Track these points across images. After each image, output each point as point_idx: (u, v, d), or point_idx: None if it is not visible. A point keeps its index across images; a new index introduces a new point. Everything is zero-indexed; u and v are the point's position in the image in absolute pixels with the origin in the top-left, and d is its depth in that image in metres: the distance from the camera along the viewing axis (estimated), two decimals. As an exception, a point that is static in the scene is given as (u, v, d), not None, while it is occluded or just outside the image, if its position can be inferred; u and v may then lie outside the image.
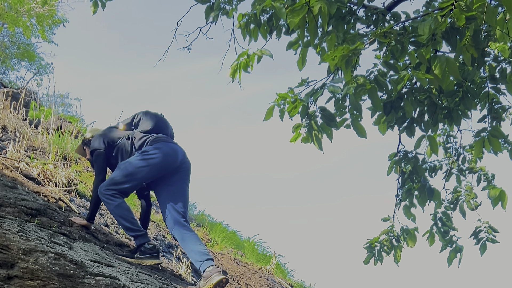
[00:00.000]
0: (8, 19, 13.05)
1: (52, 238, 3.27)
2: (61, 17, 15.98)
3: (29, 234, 2.98)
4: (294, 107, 2.91)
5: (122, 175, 3.84)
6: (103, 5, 4.66)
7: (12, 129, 7.04)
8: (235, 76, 3.70)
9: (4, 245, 2.60)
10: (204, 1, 4.13)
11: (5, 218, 3.16)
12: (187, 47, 4.54)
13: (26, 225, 3.24)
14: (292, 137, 3.07)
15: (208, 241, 7.15)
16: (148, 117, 4.27)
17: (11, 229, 2.88)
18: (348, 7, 3.54)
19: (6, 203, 3.59)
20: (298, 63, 3.46)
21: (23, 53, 15.96)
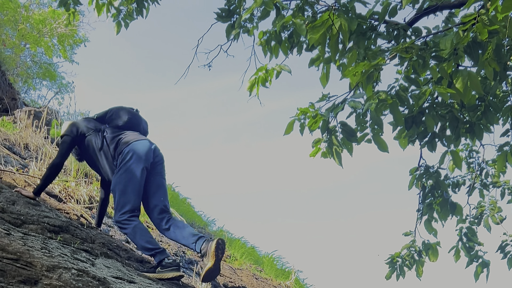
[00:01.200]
0: (30, 40, 13.54)
1: (75, 254, 3.37)
2: (82, 37, 16.51)
3: (52, 251, 3.08)
4: (314, 122, 2.99)
5: (121, 196, 3.96)
6: (126, 25, 4.88)
7: (34, 147, 7.27)
8: (252, 90, 3.80)
9: (28, 261, 2.68)
10: (225, 20, 4.27)
11: (29, 235, 3.28)
12: (208, 64, 4.68)
13: (49, 242, 3.34)
14: (312, 152, 3.14)
15: (227, 257, 7.22)
16: (121, 113, 4.37)
17: (34, 246, 2.98)
18: (369, 23, 3.63)
19: (29, 220, 3.72)
20: (322, 79, 3.55)
21: (45, 73, 16.47)
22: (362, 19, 3.57)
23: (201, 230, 9.18)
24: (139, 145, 4.05)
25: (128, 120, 4.33)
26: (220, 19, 4.30)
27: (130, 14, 4.82)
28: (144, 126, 4.54)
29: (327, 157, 3.09)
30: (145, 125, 4.56)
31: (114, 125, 4.32)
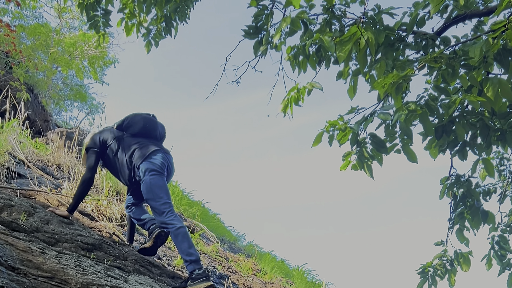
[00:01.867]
0: (62, 63, 14.01)
1: (108, 271, 3.48)
2: (112, 58, 16.99)
3: (86, 269, 3.20)
4: (344, 134, 3.05)
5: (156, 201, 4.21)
6: (156, 44, 5.05)
7: (67, 168, 7.51)
8: (286, 110, 3.88)
9: (63, 279, 2.80)
10: (252, 37, 4.37)
11: (63, 254, 3.41)
12: (236, 80, 4.77)
13: (82, 260, 3.47)
14: (342, 165, 3.19)
15: (258, 271, 7.25)
16: (136, 119, 4.60)
17: (68, 264, 3.11)
18: (397, 34, 3.68)
19: (63, 239, 3.86)
20: (349, 92, 3.60)
21: (76, 94, 17.01)
22: (390, 30, 3.63)
23: (232, 245, 9.26)
24: (153, 160, 4.31)
25: (144, 126, 4.57)
26: (248, 36, 4.39)
27: (159, 34, 4.99)
28: (161, 130, 4.75)
29: (358, 169, 3.13)
30: (162, 130, 4.78)
31: (131, 132, 4.56)
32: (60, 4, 15.52)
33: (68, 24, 16.35)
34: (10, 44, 12.33)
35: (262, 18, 4.29)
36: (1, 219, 3.68)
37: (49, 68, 13.64)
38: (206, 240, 7.97)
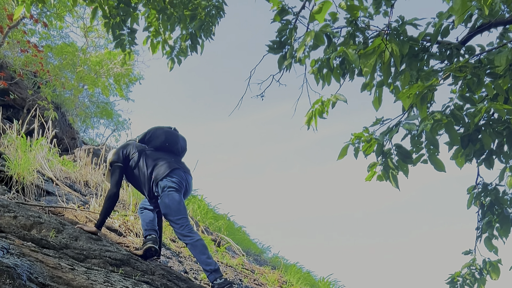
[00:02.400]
0: (88, 81, 14.39)
1: (136, 286, 3.56)
2: (137, 75, 17.36)
3: (114, 284, 3.28)
4: (369, 146, 3.09)
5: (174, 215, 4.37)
6: (179, 61, 5.17)
7: (94, 184, 7.69)
8: (310, 123, 3.94)
9: (92, 295, 2.88)
10: (277, 51, 4.46)
11: (92, 269, 3.50)
12: (261, 94, 4.85)
13: (111, 275, 3.55)
14: (367, 176, 3.23)
15: (284, 283, 7.27)
16: (158, 133, 4.77)
17: (97, 280, 3.18)
18: (421, 45, 3.71)
19: (92, 255, 3.97)
20: (374, 103, 3.65)
21: (102, 112, 17.42)
22: (414, 41, 3.67)
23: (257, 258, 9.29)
24: (172, 177, 4.46)
25: (165, 140, 4.74)
26: (272, 51, 4.48)
27: (183, 51, 5.12)
28: (182, 144, 4.91)
29: (383, 180, 3.16)
30: (183, 143, 4.94)
31: (152, 146, 4.73)
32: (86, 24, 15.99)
33: (94, 43, 16.82)
34: (37, 64, 12.76)
35: (286, 33, 4.37)
36: (31, 236, 3.81)
37: (76, 86, 14.02)
38: (232, 253, 8.04)
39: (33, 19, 12.46)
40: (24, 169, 5.77)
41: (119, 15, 4.64)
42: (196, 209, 9.51)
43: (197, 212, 9.43)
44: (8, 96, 11.27)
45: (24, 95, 12.01)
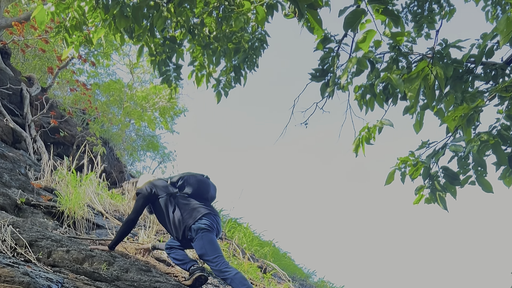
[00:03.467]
0: (134, 116, 14.96)
1: (188, 315, 3.69)
2: (181, 108, 17.90)
3: (165, 314, 3.43)
4: (415, 169, 3.15)
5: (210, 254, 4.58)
6: (226, 94, 5.37)
7: (142, 216, 7.93)
8: (358, 150, 4.03)
9: (145, 326, 3.04)
10: (319, 79, 4.57)
11: (143, 301, 3.67)
12: (304, 122, 4.96)
13: (162, 305, 3.71)
14: (415, 199, 3.27)
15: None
16: (191, 180, 5.03)
17: (149, 310, 3.35)
18: (465, 67, 3.76)
19: (142, 286, 4.15)
20: (415, 127, 3.71)
21: (148, 145, 18.02)
22: (458, 63, 3.72)
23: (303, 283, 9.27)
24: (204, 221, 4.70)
25: (198, 188, 5.00)
26: (315, 79, 4.58)
27: (228, 84, 5.31)
28: (213, 192, 5.19)
29: (431, 203, 3.19)
30: (213, 192, 5.22)
31: (185, 192, 4.99)
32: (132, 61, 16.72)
33: (140, 78, 17.54)
34: (86, 102, 13.41)
35: (329, 61, 4.48)
36: (83, 269, 4.04)
37: (123, 121, 14.60)
38: (278, 279, 8.08)
39: (81, 59, 13.17)
40: (75, 204, 6.06)
41: (165, 52, 4.88)
42: (242, 237, 9.65)
43: (243, 240, 9.57)
44: (58, 133, 11.85)
45: (74, 132, 12.60)
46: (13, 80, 11.83)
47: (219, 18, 4.36)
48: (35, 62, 14.07)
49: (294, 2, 3.18)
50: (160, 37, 4.68)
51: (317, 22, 3.45)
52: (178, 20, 4.44)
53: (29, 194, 6.33)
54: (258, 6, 3.37)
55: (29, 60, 14.28)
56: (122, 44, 4.95)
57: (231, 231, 9.91)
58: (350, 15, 3.34)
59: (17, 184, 6.38)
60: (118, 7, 4.08)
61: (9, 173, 6.46)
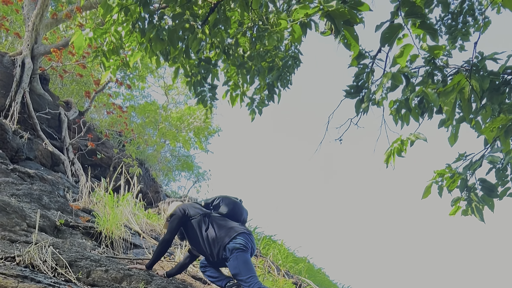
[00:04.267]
0: (169, 136, 15.29)
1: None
2: (215, 128, 18.19)
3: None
4: (452, 181, 3.17)
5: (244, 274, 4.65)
6: (260, 112, 5.48)
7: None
8: (389, 161, 4.07)
9: None
10: (354, 96, 4.63)
11: (179, 319, 3.76)
12: (339, 138, 5.02)
13: (200, 323, 3.80)
14: (451, 211, 3.28)
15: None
16: (226, 202, 5.19)
17: (188, 328, 3.44)
18: (502, 78, 3.77)
19: (180, 304, 4.25)
20: (450, 140, 3.72)
21: (183, 165, 18.32)
22: (494, 75, 3.73)
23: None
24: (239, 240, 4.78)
25: (232, 210, 5.13)
26: (349, 95, 4.64)
27: (262, 102, 5.42)
28: (245, 216, 5.30)
29: (468, 215, 3.20)
30: (246, 215, 5.33)
31: (219, 212, 5.13)
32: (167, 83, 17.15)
33: (174, 100, 17.94)
34: (122, 124, 13.80)
35: (363, 77, 4.55)
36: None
37: (158, 142, 14.93)
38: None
39: (117, 82, 13.61)
40: (113, 224, 6.25)
41: (200, 73, 5.02)
42: (276, 254, 9.70)
43: (277, 257, 9.62)
44: (95, 156, 12.22)
45: (110, 154, 12.96)
46: (51, 105, 12.31)
47: (253, 38, 4.49)
48: (72, 86, 14.61)
49: (331, 19, 3.27)
50: (195, 58, 4.83)
51: (353, 38, 3.51)
52: (212, 41, 4.59)
53: (68, 215, 6.55)
54: (294, 25, 3.47)
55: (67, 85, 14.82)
56: (158, 67, 5.14)
57: (265, 248, 9.99)
58: (387, 30, 3.40)
59: (56, 206, 6.62)
60: (154, 31, 4.26)
61: (49, 196, 6.71)
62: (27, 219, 5.26)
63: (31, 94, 11.68)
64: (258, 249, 9.46)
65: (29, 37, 11.71)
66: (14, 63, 11.36)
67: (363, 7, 3.31)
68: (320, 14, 3.28)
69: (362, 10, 3.35)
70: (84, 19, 11.93)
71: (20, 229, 5.03)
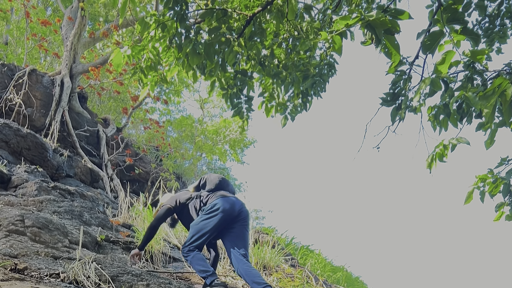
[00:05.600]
0: (206, 150, 15.50)
1: None
2: (251, 139, 18.34)
3: None
4: (495, 186, 3.16)
5: (194, 233, 4.79)
6: (292, 118, 5.53)
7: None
8: (431, 166, 4.07)
9: None
10: (390, 104, 4.63)
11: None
12: (376, 146, 5.02)
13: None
14: (496, 216, 3.25)
15: None
16: (211, 177, 5.37)
17: None
18: (544, 80, 3.73)
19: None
20: (486, 143, 3.69)
21: (219, 177, 18.44)
22: (535, 77, 3.69)
23: (377, 306, 9.13)
24: (225, 200, 4.95)
25: (219, 183, 5.30)
26: (385, 103, 4.62)
27: (295, 109, 5.47)
28: (232, 187, 5.46)
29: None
30: (232, 188, 5.49)
31: (208, 189, 5.29)
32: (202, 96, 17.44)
33: (210, 113, 18.21)
34: (159, 139, 14.08)
35: (400, 84, 4.55)
36: (162, 302, 4.27)
37: (195, 156, 15.16)
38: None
39: (154, 97, 13.93)
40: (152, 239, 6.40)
41: (236, 85, 5.11)
42: (314, 264, 9.71)
43: (315, 267, 9.63)
44: (133, 171, 12.50)
45: (148, 169, 13.23)
46: (90, 123, 12.70)
47: (288, 49, 4.58)
48: (110, 103, 15.03)
49: (371, 29, 3.31)
50: (231, 71, 4.95)
51: (394, 47, 3.52)
52: (248, 53, 4.69)
53: (108, 231, 6.74)
54: (335, 35, 3.52)
55: (104, 102, 15.27)
56: (195, 81, 5.25)
57: (303, 258, 10.02)
58: (429, 37, 3.41)
59: (97, 222, 6.83)
60: (191, 45, 4.40)
61: (89, 212, 6.93)
62: (69, 236, 5.45)
63: (70, 113, 12.10)
64: (296, 259, 9.48)
65: (68, 57, 12.16)
66: (53, 83, 11.81)
67: (403, 16, 3.35)
68: (360, 24, 3.33)
69: (403, 19, 3.38)
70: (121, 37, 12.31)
71: (62, 245, 5.21)
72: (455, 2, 3.53)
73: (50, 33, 14.16)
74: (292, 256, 9.27)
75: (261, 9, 4.45)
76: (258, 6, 4.56)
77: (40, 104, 11.34)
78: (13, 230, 5.00)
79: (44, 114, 11.31)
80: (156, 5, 11.34)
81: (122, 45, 4.86)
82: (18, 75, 11.14)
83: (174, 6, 4.33)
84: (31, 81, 11.34)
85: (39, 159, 9.58)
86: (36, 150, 9.56)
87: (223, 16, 4.39)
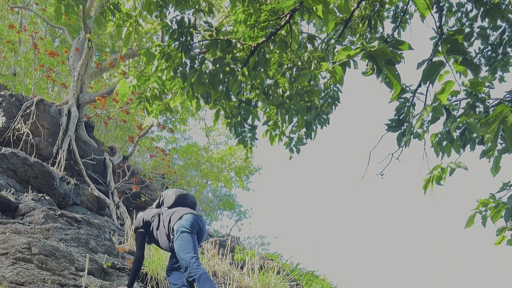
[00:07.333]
0: (211, 177, 15.56)
1: None
2: (256, 166, 18.41)
3: None
4: (497, 211, 3.19)
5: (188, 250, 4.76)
6: (298, 150, 5.59)
7: (222, 274, 8.17)
8: (427, 188, 4.10)
9: None
10: (395, 129, 4.68)
11: None
12: (380, 173, 5.06)
13: None
14: (497, 241, 3.27)
15: None
16: (169, 193, 5.53)
17: None
18: (546, 104, 3.77)
19: None
20: (492, 170, 3.73)
21: (225, 204, 18.56)
22: (537, 103, 3.74)
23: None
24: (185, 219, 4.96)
25: (177, 198, 5.45)
26: (390, 129, 4.67)
27: (300, 141, 5.54)
28: (192, 199, 5.60)
29: (515, 245, 3.20)
30: (193, 199, 5.63)
31: (167, 205, 5.40)
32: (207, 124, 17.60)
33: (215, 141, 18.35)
34: (165, 167, 14.17)
35: (404, 110, 4.59)
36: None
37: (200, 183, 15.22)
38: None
39: (159, 126, 14.08)
40: (158, 266, 6.43)
41: (240, 114, 5.17)
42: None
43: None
44: (140, 198, 12.54)
45: (154, 196, 13.28)
46: (96, 151, 12.81)
47: (292, 78, 4.66)
48: (116, 132, 15.18)
49: (372, 59, 3.38)
50: (235, 100, 5.03)
51: (395, 77, 3.58)
52: (252, 83, 4.77)
53: (114, 258, 6.75)
54: (336, 66, 3.57)
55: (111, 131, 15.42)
56: (198, 110, 5.32)
57: (308, 284, 9.96)
58: (429, 67, 3.46)
59: (103, 249, 6.85)
60: (196, 75, 4.49)
61: (95, 239, 6.97)
62: (75, 263, 5.49)
63: (77, 141, 12.22)
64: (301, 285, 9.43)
65: (75, 87, 12.35)
66: (60, 113, 11.96)
67: (404, 46, 3.42)
68: (362, 55, 3.40)
69: (403, 49, 3.45)
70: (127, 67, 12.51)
71: (68, 273, 5.25)
72: (456, 33, 3.61)
73: (57, 63, 14.40)
74: (298, 282, 9.21)
75: (265, 39, 4.55)
76: (262, 37, 4.66)
77: (47, 133, 11.47)
78: (20, 257, 5.06)
79: (51, 143, 11.43)
80: (162, 36, 11.56)
81: (128, 75, 4.97)
82: (26, 105, 11.29)
83: (179, 37, 4.44)
84: (39, 111, 11.49)
85: (46, 187, 9.64)
86: (43, 178, 9.64)
87: (228, 46, 4.49)
